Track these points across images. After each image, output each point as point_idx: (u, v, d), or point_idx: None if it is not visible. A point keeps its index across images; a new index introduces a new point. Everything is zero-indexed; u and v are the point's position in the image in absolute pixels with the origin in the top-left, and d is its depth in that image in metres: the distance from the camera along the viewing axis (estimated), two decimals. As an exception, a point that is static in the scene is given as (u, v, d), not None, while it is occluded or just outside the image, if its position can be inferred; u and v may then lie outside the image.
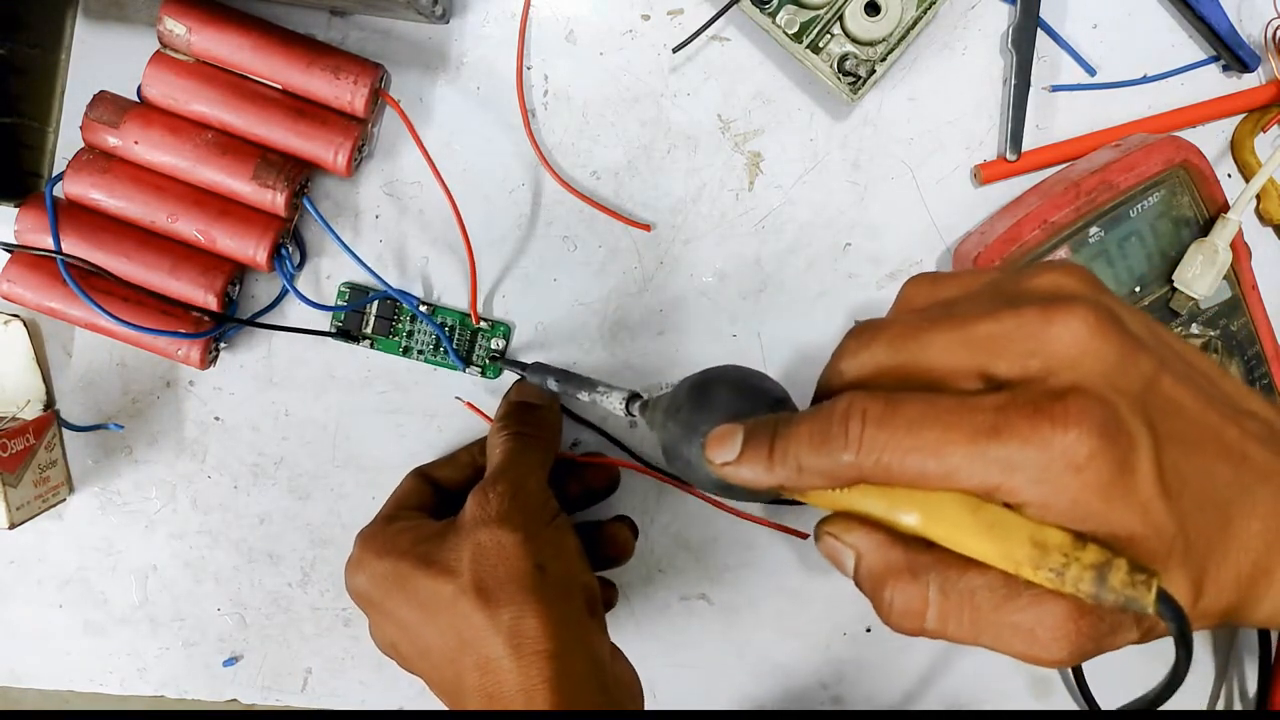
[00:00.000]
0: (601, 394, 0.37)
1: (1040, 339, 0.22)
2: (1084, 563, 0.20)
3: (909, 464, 0.22)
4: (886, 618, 0.23)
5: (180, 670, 0.47)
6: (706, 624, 0.47)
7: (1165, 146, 0.40)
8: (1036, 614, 0.21)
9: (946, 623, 0.22)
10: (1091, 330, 0.22)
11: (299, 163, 0.41)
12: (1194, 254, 0.40)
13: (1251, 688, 0.48)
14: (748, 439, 0.25)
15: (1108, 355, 0.22)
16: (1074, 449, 0.20)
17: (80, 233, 0.40)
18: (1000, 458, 0.21)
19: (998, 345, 0.22)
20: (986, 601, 0.22)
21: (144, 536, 0.46)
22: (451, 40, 0.42)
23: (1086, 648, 0.22)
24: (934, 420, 0.22)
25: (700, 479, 0.29)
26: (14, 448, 0.41)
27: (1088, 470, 0.20)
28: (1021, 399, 0.21)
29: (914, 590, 0.23)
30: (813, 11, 0.40)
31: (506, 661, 0.31)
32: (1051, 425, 0.21)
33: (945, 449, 0.21)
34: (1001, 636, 0.22)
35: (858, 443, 0.22)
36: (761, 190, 0.43)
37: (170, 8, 0.39)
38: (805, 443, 0.24)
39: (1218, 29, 0.42)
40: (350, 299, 0.43)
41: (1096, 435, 0.20)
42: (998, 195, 0.44)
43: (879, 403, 0.23)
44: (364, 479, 0.45)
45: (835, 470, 0.23)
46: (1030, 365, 0.22)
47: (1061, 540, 0.21)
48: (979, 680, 0.48)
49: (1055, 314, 0.22)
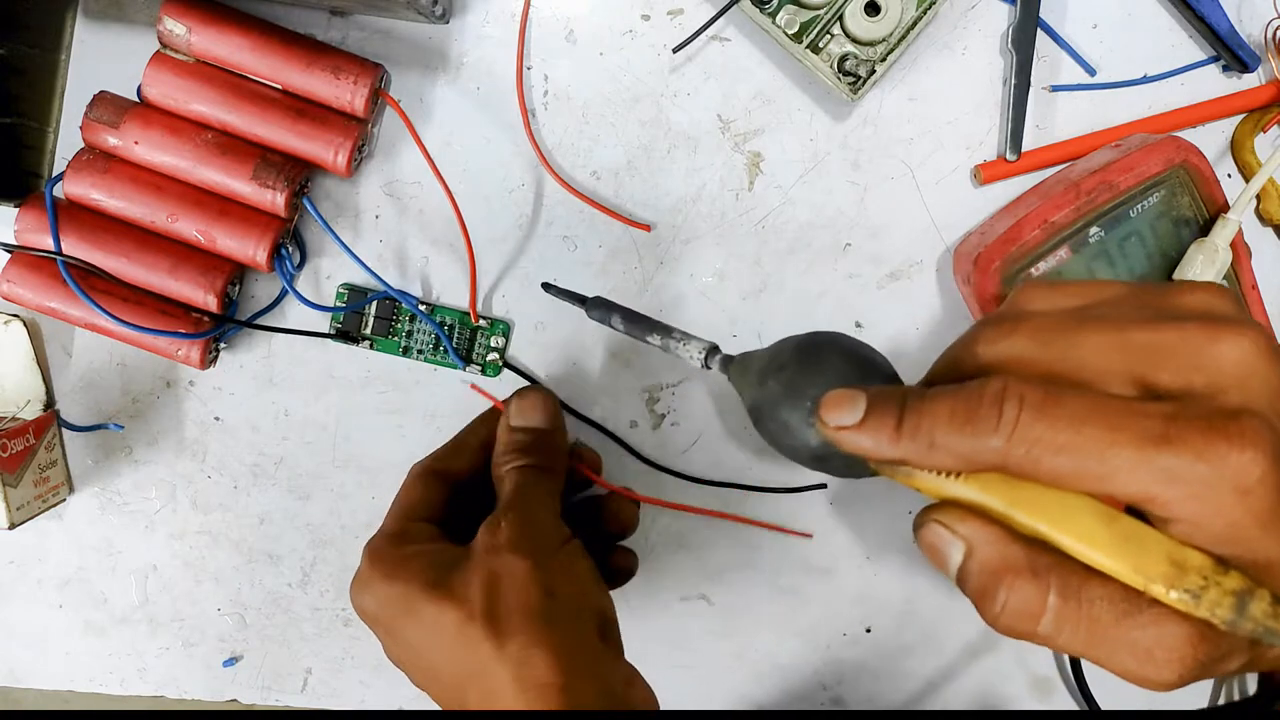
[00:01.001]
0: (678, 341, 0.35)
1: (1207, 355, 0.21)
2: (1225, 588, 0.20)
3: (1063, 460, 0.21)
4: (996, 618, 0.22)
5: (180, 670, 0.47)
6: (706, 624, 0.47)
7: (1165, 146, 0.40)
8: (1157, 634, 0.21)
9: (1062, 629, 0.22)
10: (1260, 353, 0.21)
11: (299, 163, 0.41)
12: (1194, 254, 0.40)
13: (1251, 688, 0.48)
14: (873, 405, 0.24)
15: (1274, 381, 0.21)
16: (1246, 471, 0.20)
17: (80, 233, 0.40)
18: (1166, 467, 0.20)
19: (1160, 355, 0.22)
20: (1106, 614, 0.21)
21: (144, 536, 0.46)
22: (451, 40, 0.42)
23: (1197, 673, 0.21)
24: (1099, 418, 0.21)
25: (796, 444, 0.28)
26: (14, 448, 0.41)
27: (1253, 495, 0.20)
28: (1194, 412, 0.21)
29: (1033, 590, 0.22)
30: (813, 11, 0.40)
31: (512, 693, 0.30)
32: (1228, 443, 0.20)
33: (1109, 450, 0.20)
34: (1116, 653, 0.21)
35: (1011, 427, 0.21)
36: (761, 190, 0.43)
37: (170, 8, 0.39)
38: (945, 419, 0.22)
39: (1218, 29, 0.42)
40: (350, 299, 0.43)
41: (1270, 460, 0.20)
42: (998, 195, 0.44)
43: (1039, 391, 0.22)
44: (364, 479, 0.45)
45: (975, 454, 0.22)
46: (1195, 380, 0.21)
47: (1202, 563, 0.20)
48: (979, 680, 0.48)
49: (1222, 333, 0.21)
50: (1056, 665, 0.48)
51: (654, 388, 0.45)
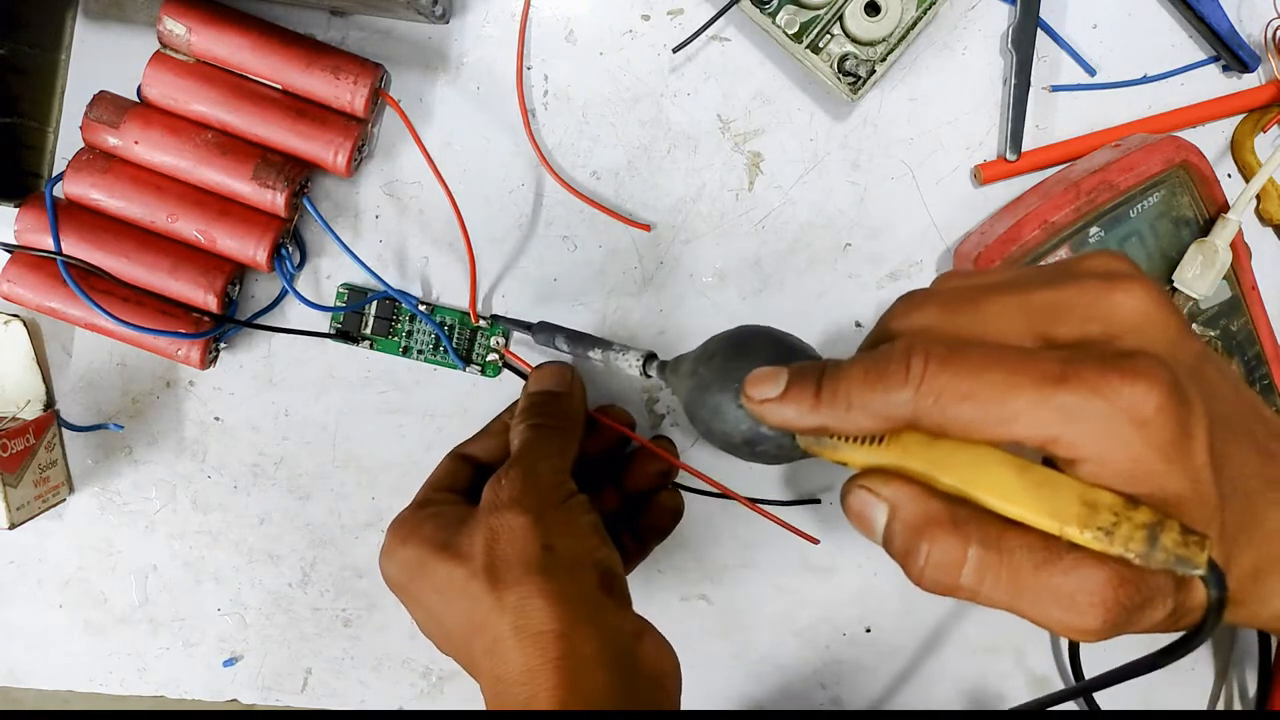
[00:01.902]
0: (617, 353, 0.36)
1: (1103, 306, 0.22)
2: (1136, 522, 0.20)
3: (968, 408, 0.22)
4: (920, 574, 0.23)
5: (180, 670, 0.47)
6: (706, 624, 0.47)
7: (1165, 146, 0.40)
8: (1077, 578, 0.21)
9: (983, 579, 0.22)
10: (1154, 302, 0.22)
11: (299, 163, 0.41)
12: (1194, 254, 0.40)
13: (1251, 688, 0.48)
14: (793, 378, 0.25)
15: (1168, 326, 0.22)
16: (1141, 402, 0.20)
17: (80, 233, 0.40)
18: (1065, 405, 0.21)
19: (1058, 310, 0.23)
20: (1026, 561, 0.22)
21: (144, 536, 0.46)
22: (451, 40, 0.42)
23: (1120, 619, 0.21)
24: (999, 365, 0.22)
25: (728, 428, 0.28)
26: (14, 448, 0.41)
27: (1151, 426, 0.20)
28: (1089, 354, 0.21)
29: (954, 542, 0.22)
30: (813, 11, 0.40)
31: (512, 642, 0.31)
32: (1121, 377, 0.21)
33: (1009, 394, 0.21)
34: (1039, 600, 0.22)
35: (918, 380, 0.22)
36: (761, 190, 0.43)
37: (170, 8, 0.39)
38: (859, 380, 0.23)
39: (1218, 29, 0.42)
40: (350, 300, 0.43)
41: (1165, 392, 0.20)
42: (998, 195, 0.44)
43: (942, 345, 0.22)
44: (364, 479, 0.46)
45: (888, 409, 0.23)
46: (1092, 329, 0.22)
47: (1113, 501, 0.21)
48: (979, 680, 0.48)
49: (1117, 284, 0.22)
50: (1056, 665, 0.48)
51: (654, 388, 0.45)
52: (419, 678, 0.47)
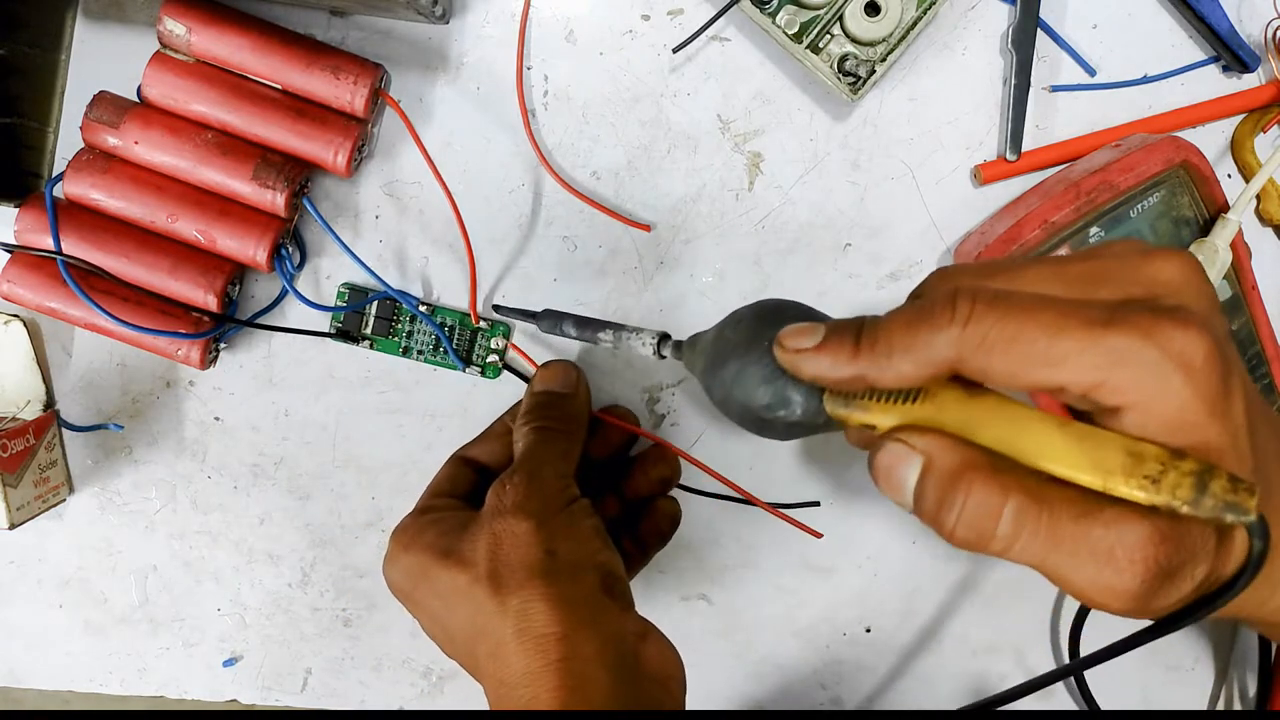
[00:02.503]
0: (629, 336, 0.35)
1: (1144, 271, 0.23)
2: (1183, 470, 0.20)
3: (1015, 350, 0.21)
4: (954, 527, 0.22)
5: (180, 670, 0.47)
6: (706, 624, 0.47)
7: (1165, 146, 0.40)
8: (1118, 533, 0.21)
9: (1022, 530, 0.21)
10: (1194, 269, 0.23)
11: (299, 163, 0.41)
12: (1194, 254, 0.40)
13: (1251, 688, 0.48)
14: (831, 329, 0.25)
15: (1206, 294, 0.23)
16: (1192, 350, 0.20)
17: (80, 233, 0.40)
18: (1115, 348, 0.21)
19: (1097, 277, 0.23)
20: (1066, 513, 0.21)
21: (144, 536, 0.46)
22: (451, 40, 0.42)
23: (1156, 580, 0.21)
24: (1048, 309, 0.21)
25: (749, 393, 0.28)
26: (14, 448, 0.41)
27: (1200, 375, 0.20)
28: (1135, 305, 0.22)
29: (993, 489, 0.21)
30: (813, 11, 0.40)
31: (514, 645, 0.31)
32: (1173, 323, 0.21)
33: (1058, 335, 0.21)
34: (1076, 554, 0.21)
35: (964, 320, 0.22)
36: (761, 190, 0.43)
37: (170, 8, 0.39)
38: (902, 326, 0.23)
39: (1218, 29, 0.42)
40: (350, 300, 0.43)
41: (1212, 343, 0.21)
42: (998, 195, 0.44)
43: (989, 289, 0.22)
44: (364, 479, 0.46)
45: (931, 352, 0.22)
46: (1134, 291, 0.22)
47: (1158, 451, 0.20)
48: (979, 680, 0.48)
49: (1155, 253, 0.23)
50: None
51: (654, 388, 0.45)
52: (419, 678, 0.47)
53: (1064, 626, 0.47)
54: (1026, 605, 0.47)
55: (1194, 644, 0.48)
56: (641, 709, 0.32)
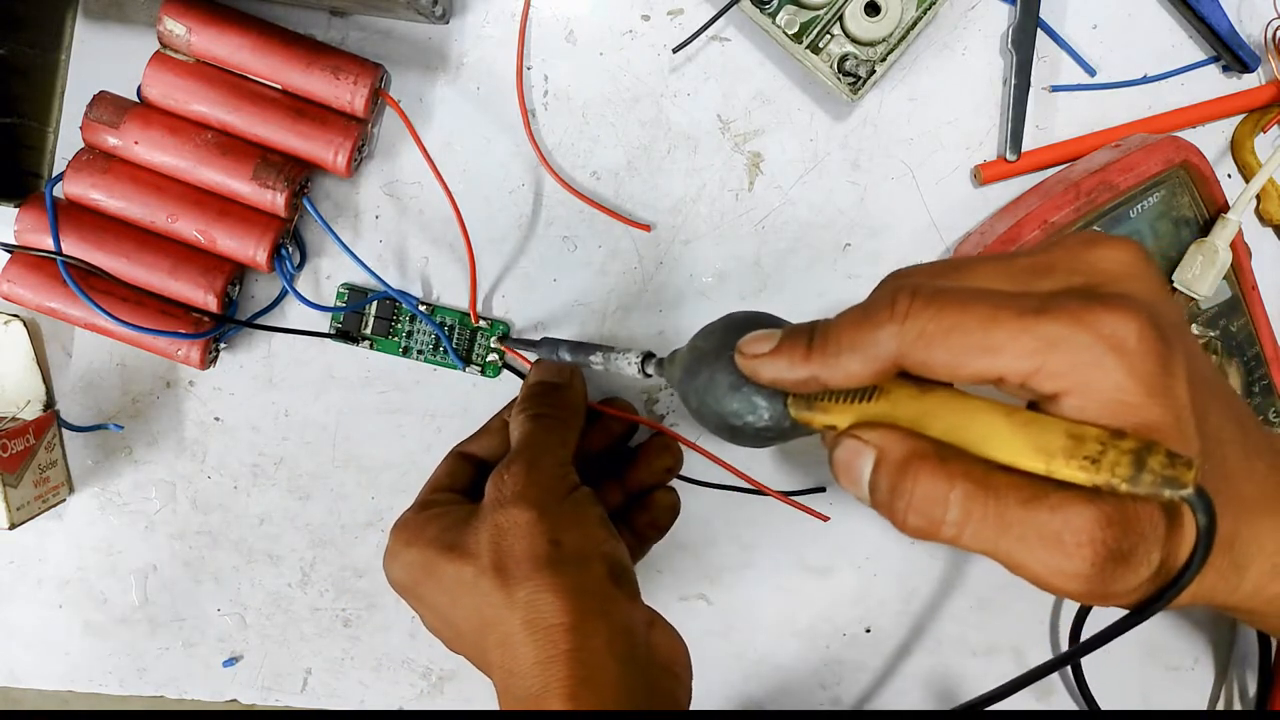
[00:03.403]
0: (616, 357, 0.36)
1: (1087, 259, 0.23)
2: (1122, 448, 0.20)
3: (952, 341, 0.22)
4: (905, 513, 0.23)
5: (180, 670, 0.47)
6: (706, 624, 0.47)
7: (1165, 147, 0.40)
8: (1064, 516, 0.21)
9: (969, 518, 0.22)
10: (1139, 258, 0.23)
11: (299, 163, 0.41)
12: (1194, 254, 0.40)
13: (1251, 688, 0.48)
14: (786, 334, 0.26)
15: (1151, 279, 0.23)
16: (1123, 331, 0.21)
17: (80, 233, 0.40)
18: (1048, 334, 0.21)
19: (1041, 269, 0.23)
20: (1012, 499, 0.21)
21: (144, 536, 0.46)
22: (451, 40, 0.42)
23: (1107, 564, 0.21)
24: (983, 300, 0.22)
25: (719, 403, 0.29)
26: (14, 448, 0.41)
27: (1134, 355, 0.21)
28: (1069, 292, 0.22)
29: (939, 477, 0.22)
30: (813, 12, 0.40)
31: (523, 636, 0.31)
32: (1105, 308, 0.21)
33: (992, 325, 0.21)
34: (1025, 540, 0.21)
35: (903, 315, 0.22)
36: (761, 190, 0.43)
37: (170, 8, 0.39)
38: (848, 325, 0.24)
39: (1218, 29, 0.42)
40: (350, 300, 0.43)
41: (1145, 324, 0.21)
42: (998, 195, 0.44)
43: (928, 286, 0.23)
44: (364, 479, 0.46)
45: (875, 348, 0.23)
46: (1074, 280, 0.23)
47: (1099, 432, 0.21)
48: (978, 680, 0.48)
49: (1101, 241, 0.23)
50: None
51: (653, 389, 0.45)
52: (419, 678, 0.47)
53: (1064, 626, 0.47)
54: (1026, 605, 0.47)
55: (1194, 644, 0.48)
56: (652, 697, 0.32)
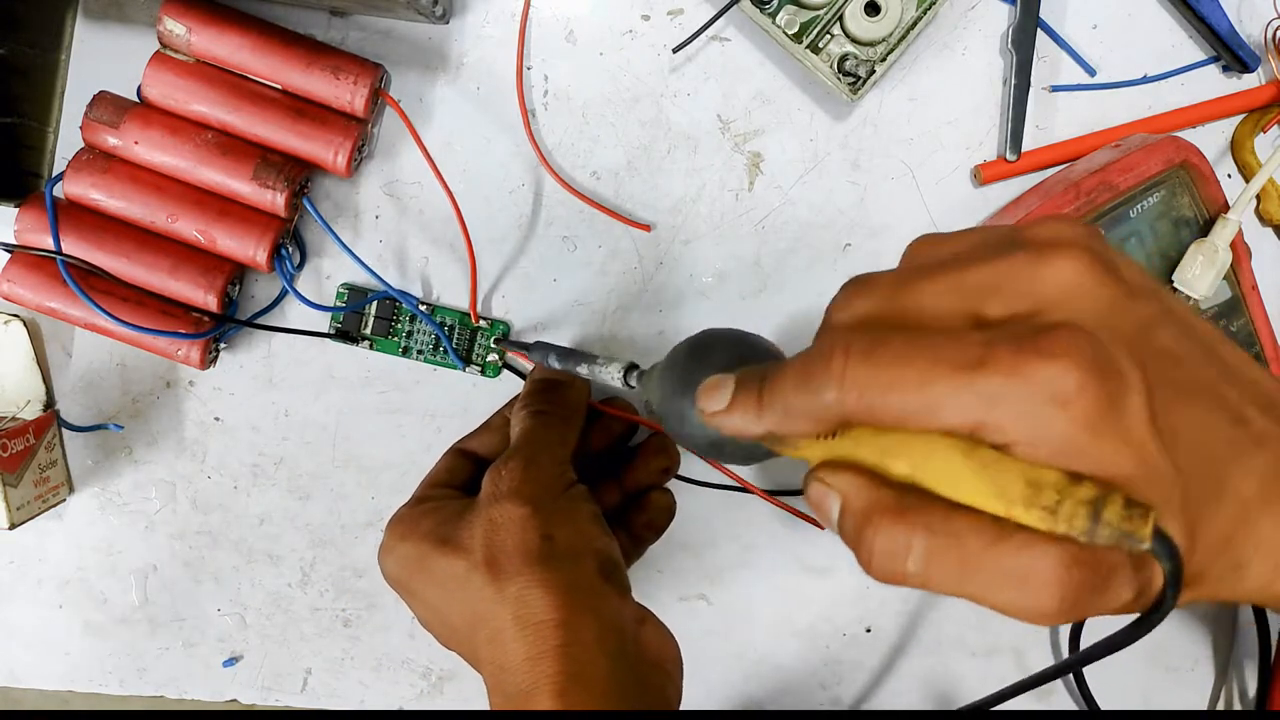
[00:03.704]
0: (600, 366, 0.36)
1: (1034, 279, 0.22)
2: (1078, 498, 0.20)
3: (892, 400, 0.21)
4: (868, 563, 0.22)
5: (180, 670, 0.47)
6: (706, 624, 0.47)
7: (1165, 147, 0.40)
8: (1028, 557, 0.20)
9: (931, 564, 0.21)
10: (1083, 271, 0.21)
11: (299, 163, 0.41)
12: (1194, 254, 0.40)
13: (1251, 688, 0.48)
14: (738, 387, 0.25)
15: (1100, 296, 0.21)
16: (1059, 381, 0.20)
17: (80, 233, 0.40)
18: (984, 391, 0.20)
19: (988, 289, 0.22)
20: (975, 542, 0.21)
21: (144, 536, 0.46)
22: (451, 40, 0.42)
23: (1079, 601, 0.21)
24: (918, 354, 0.21)
25: (693, 434, 0.29)
26: (14, 448, 0.41)
27: (1075, 404, 0.20)
28: (1008, 333, 0.21)
29: (899, 529, 0.22)
30: (813, 12, 0.40)
31: (513, 631, 0.31)
32: (1037, 357, 0.20)
33: (928, 383, 0.21)
34: (991, 583, 0.21)
35: (840, 378, 0.22)
36: (761, 190, 0.43)
37: (170, 8, 0.39)
38: (791, 383, 0.23)
39: (1218, 29, 0.42)
40: (350, 300, 0.43)
41: (1084, 368, 0.20)
42: (998, 195, 0.44)
43: (863, 339, 0.22)
44: (364, 479, 0.46)
45: (820, 410, 0.23)
46: (1020, 306, 0.22)
47: (1056, 479, 0.20)
48: (979, 680, 0.48)
49: (1047, 257, 0.22)
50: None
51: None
52: (419, 678, 0.47)
53: (1064, 627, 0.47)
54: (1026, 605, 0.47)
55: (1194, 644, 0.48)
56: (642, 693, 0.32)
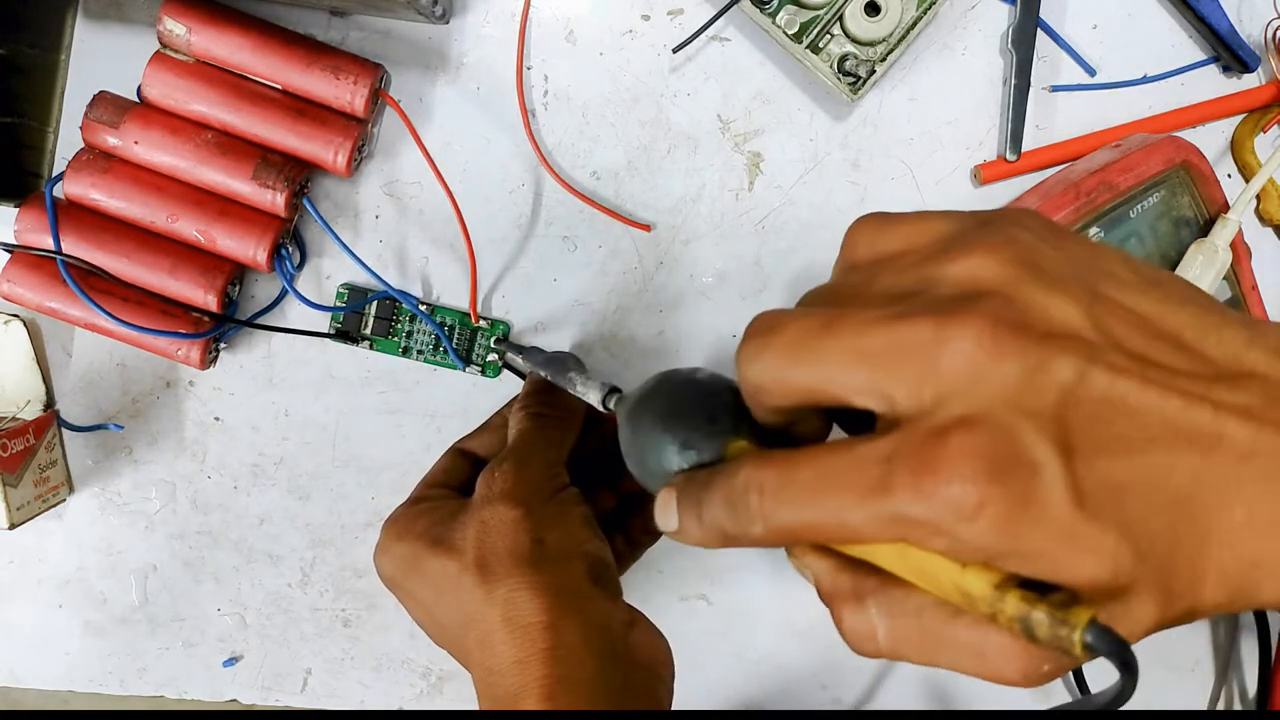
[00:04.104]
0: (582, 383, 0.36)
1: (932, 360, 0.20)
2: (1008, 614, 0.20)
3: (814, 532, 0.22)
4: (844, 639, 0.23)
5: (180, 670, 0.47)
6: (706, 624, 0.47)
7: (1165, 147, 0.40)
8: (983, 634, 0.21)
9: (898, 644, 0.22)
10: (986, 349, 0.19)
11: (299, 163, 0.41)
12: (1194, 254, 0.40)
13: (1251, 688, 0.48)
14: (680, 504, 0.25)
15: (1007, 374, 0.19)
16: (960, 499, 0.19)
17: (80, 233, 0.40)
18: (895, 514, 0.20)
19: (892, 364, 0.21)
20: (934, 620, 0.21)
21: (144, 536, 0.46)
22: (451, 40, 0.42)
23: (1041, 669, 0.21)
24: (825, 483, 0.21)
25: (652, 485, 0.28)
26: (14, 448, 0.41)
27: (982, 518, 0.19)
28: (906, 445, 0.20)
29: (861, 615, 0.23)
30: (813, 12, 0.40)
31: (501, 634, 0.32)
32: (934, 477, 0.19)
33: (841, 514, 0.21)
34: (955, 657, 0.22)
35: (761, 518, 0.22)
36: (761, 190, 0.43)
37: (170, 8, 0.39)
38: (722, 512, 0.24)
39: (1218, 29, 0.42)
40: (349, 300, 0.43)
41: (984, 479, 0.19)
42: (998, 195, 0.44)
43: (772, 472, 0.22)
44: (364, 479, 0.46)
45: (755, 540, 0.23)
46: (924, 395, 0.20)
47: (983, 590, 0.20)
48: (979, 681, 0.48)
49: (948, 328, 0.20)
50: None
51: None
52: (419, 678, 0.47)
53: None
54: (1026, 605, 0.47)
55: (1194, 644, 0.48)
56: (631, 695, 0.32)
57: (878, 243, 0.25)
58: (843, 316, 0.22)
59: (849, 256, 0.26)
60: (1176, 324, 0.21)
